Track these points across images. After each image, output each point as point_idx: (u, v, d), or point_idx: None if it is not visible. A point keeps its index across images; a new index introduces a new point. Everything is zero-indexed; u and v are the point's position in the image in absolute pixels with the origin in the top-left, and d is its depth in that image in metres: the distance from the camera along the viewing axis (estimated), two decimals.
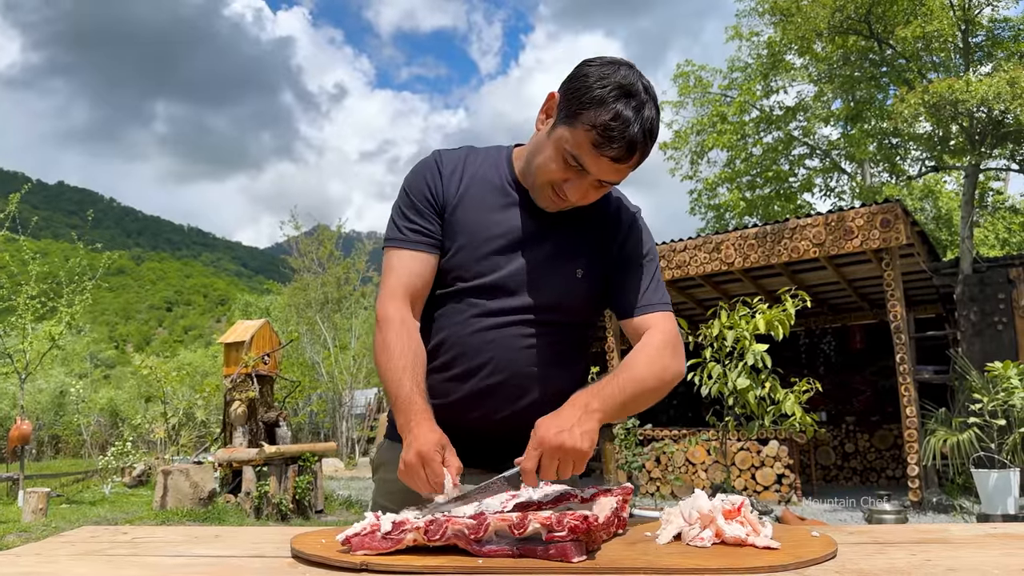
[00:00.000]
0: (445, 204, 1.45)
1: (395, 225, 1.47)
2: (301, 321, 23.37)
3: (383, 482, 1.56)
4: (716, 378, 6.69)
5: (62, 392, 24.64)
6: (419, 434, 1.25)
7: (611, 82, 1.26)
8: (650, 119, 1.27)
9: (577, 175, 1.32)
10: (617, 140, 1.24)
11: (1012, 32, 15.33)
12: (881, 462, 11.30)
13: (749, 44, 20.15)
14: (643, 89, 1.27)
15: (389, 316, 1.39)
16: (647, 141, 1.28)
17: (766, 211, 19.73)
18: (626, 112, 1.24)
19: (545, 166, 1.35)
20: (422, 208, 1.45)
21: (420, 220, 1.45)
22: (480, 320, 1.42)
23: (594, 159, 1.28)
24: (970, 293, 9.37)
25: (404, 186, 1.50)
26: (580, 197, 1.36)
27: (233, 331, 10.87)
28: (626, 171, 1.31)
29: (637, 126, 1.25)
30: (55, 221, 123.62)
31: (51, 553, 1.13)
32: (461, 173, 1.47)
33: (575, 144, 1.28)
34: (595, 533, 1.03)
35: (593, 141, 1.25)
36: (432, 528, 1.04)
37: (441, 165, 1.48)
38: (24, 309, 11.53)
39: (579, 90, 1.28)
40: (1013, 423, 7.18)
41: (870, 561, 1.00)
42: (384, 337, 1.38)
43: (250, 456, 9.11)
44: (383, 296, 1.42)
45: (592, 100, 1.25)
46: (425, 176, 1.48)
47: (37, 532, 7.44)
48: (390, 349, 1.36)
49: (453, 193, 1.46)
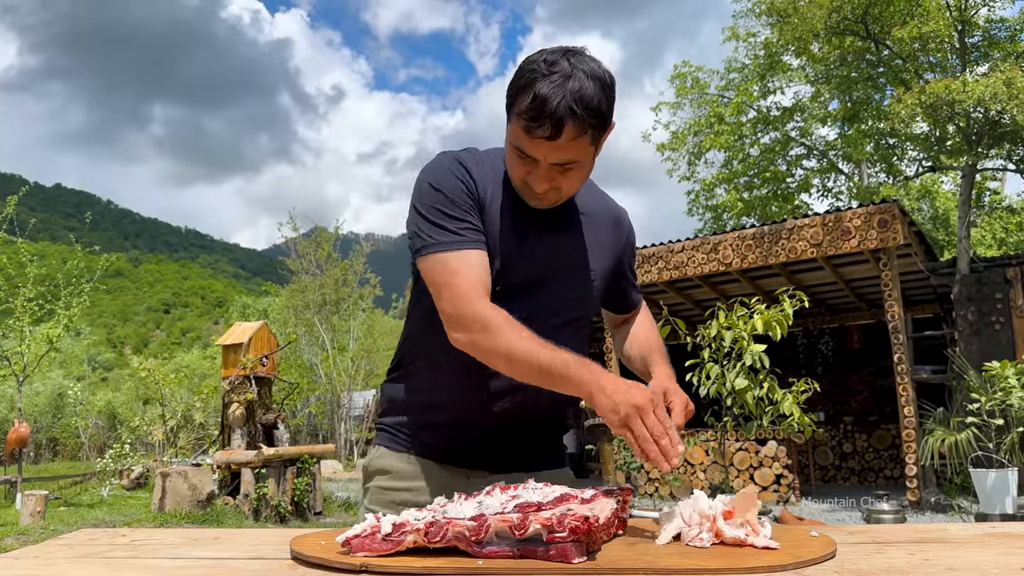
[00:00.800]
0: (481, 203, 1.38)
1: (440, 227, 1.34)
2: (299, 323, 23.35)
3: (380, 491, 1.52)
4: (714, 379, 6.69)
5: (60, 394, 24.63)
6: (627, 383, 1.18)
7: (532, 67, 1.25)
8: (574, 89, 1.21)
9: (532, 165, 1.30)
10: (540, 119, 1.22)
11: (1008, 32, 15.37)
12: (879, 462, 11.31)
13: (746, 45, 20.20)
14: (566, 63, 1.24)
15: (488, 315, 1.27)
16: (577, 111, 1.21)
17: (764, 212, 19.74)
18: (544, 90, 1.21)
19: (510, 167, 1.36)
20: (462, 203, 1.36)
21: (468, 217, 1.36)
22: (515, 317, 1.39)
23: (532, 145, 1.26)
24: (967, 293, 9.39)
25: (433, 186, 1.37)
26: (545, 186, 1.32)
27: (231, 333, 10.86)
28: (572, 147, 1.26)
29: (558, 100, 1.20)
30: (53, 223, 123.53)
31: (49, 556, 1.13)
32: (484, 173, 1.42)
33: (515, 136, 1.28)
34: (596, 534, 1.03)
35: (524, 127, 1.24)
36: (432, 530, 1.04)
37: (465, 164, 1.40)
38: (22, 311, 11.52)
39: (511, 85, 1.29)
40: (1011, 423, 7.18)
41: (869, 561, 1.00)
42: (493, 331, 1.26)
43: (248, 458, 9.10)
44: (461, 298, 1.29)
45: (517, 89, 1.26)
46: (455, 174, 1.38)
47: (35, 535, 7.42)
48: (510, 337, 1.25)
49: (483, 193, 1.39)
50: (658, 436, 1.11)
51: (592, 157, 1.32)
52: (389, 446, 1.53)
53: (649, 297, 11.51)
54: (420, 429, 1.50)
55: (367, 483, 1.58)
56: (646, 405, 1.13)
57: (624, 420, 1.14)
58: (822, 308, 12.18)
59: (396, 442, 1.52)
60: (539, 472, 1.46)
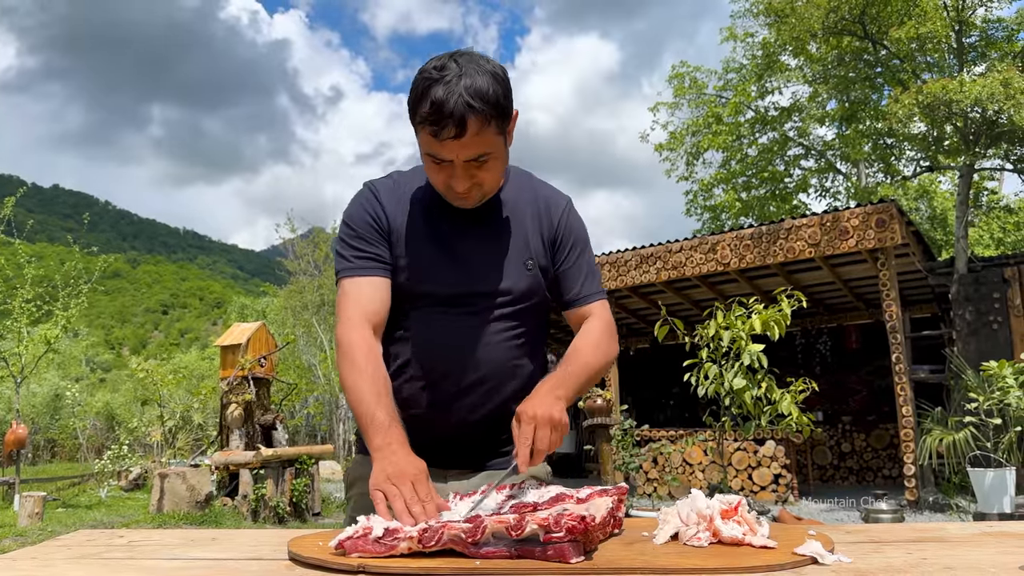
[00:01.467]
0: (390, 228, 1.48)
1: (342, 256, 1.49)
2: (297, 324, 23.33)
3: (361, 497, 1.52)
4: (712, 379, 6.69)
5: (58, 396, 24.58)
6: (402, 456, 1.26)
7: (422, 76, 1.31)
8: (468, 85, 1.27)
9: (449, 168, 1.35)
10: (443, 121, 1.27)
11: (1006, 32, 15.38)
12: (877, 461, 11.32)
13: (744, 45, 20.21)
14: (454, 64, 1.30)
15: (355, 341, 1.40)
16: (475, 104, 1.27)
17: (762, 212, 19.76)
18: (438, 94, 1.27)
19: (430, 176, 1.41)
20: (367, 235, 1.48)
21: (367, 247, 1.47)
22: (448, 326, 1.47)
23: (442, 147, 1.31)
24: (965, 293, 9.40)
25: (344, 220, 1.51)
26: (465, 184, 1.37)
27: (229, 334, 10.85)
28: (478, 142, 1.31)
29: (455, 99, 1.26)
30: (50, 224, 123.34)
31: (47, 557, 1.13)
32: (398, 197, 1.51)
33: (426, 144, 1.34)
34: (592, 533, 1.03)
35: (430, 133, 1.30)
36: (427, 536, 1.04)
37: (377, 193, 1.51)
38: (20, 313, 11.50)
39: (409, 100, 1.34)
40: (1008, 422, 7.19)
41: (867, 560, 1.00)
42: (353, 359, 1.38)
43: (247, 459, 9.10)
44: (343, 323, 1.42)
45: (415, 99, 1.31)
46: (363, 205, 1.50)
47: (33, 536, 7.41)
48: (362, 371, 1.36)
49: (395, 217, 1.49)
50: (410, 504, 1.17)
51: (503, 147, 1.38)
52: (367, 453, 1.55)
53: (648, 297, 11.52)
54: None
55: (349, 492, 1.62)
56: (404, 480, 1.21)
57: (382, 487, 1.21)
58: (820, 308, 12.19)
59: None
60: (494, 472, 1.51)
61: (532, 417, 1.28)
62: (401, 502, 1.17)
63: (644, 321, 13.08)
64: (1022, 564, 0.95)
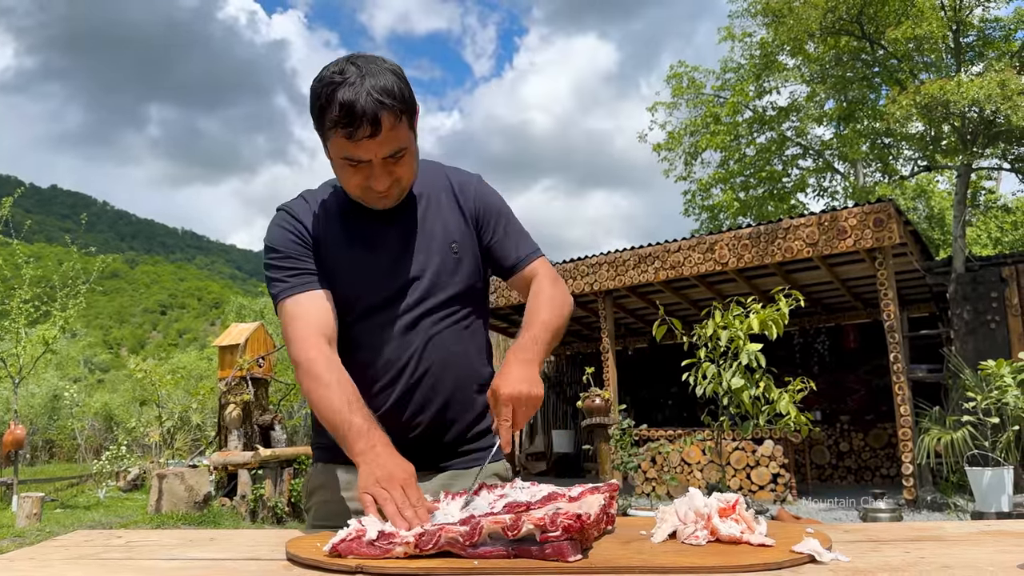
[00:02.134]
0: (314, 243, 1.48)
1: (275, 280, 1.46)
2: None
3: (323, 504, 1.54)
4: (711, 378, 6.69)
5: (56, 396, 24.53)
6: (389, 457, 1.25)
7: (322, 84, 1.32)
8: (376, 84, 1.29)
9: (366, 168, 1.36)
10: (355, 122, 1.28)
11: (1003, 32, 15.39)
12: (876, 461, 11.32)
13: (742, 45, 20.22)
14: (353, 66, 1.31)
15: (312, 358, 1.37)
16: (384, 101, 1.29)
17: (760, 211, 19.77)
18: (346, 96, 1.28)
19: (346, 181, 1.41)
20: (293, 253, 1.47)
21: (297, 263, 1.46)
22: (384, 332, 1.47)
23: (358, 148, 1.32)
24: (963, 292, 9.41)
25: (268, 245, 1.50)
26: (386, 182, 1.38)
27: (227, 334, 10.84)
28: (395, 136, 1.33)
29: (364, 98, 1.27)
30: (48, 225, 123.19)
31: (45, 557, 1.13)
32: (313, 212, 1.51)
33: (340, 149, 1.34)
34: (588, 531, 1.04)
35: (344, 136, 1.30)
36: (424, 539, 1.04)
37: (293, 212, 1.51)
38: (17, 313, 11.49)
39: (312, 108, 1.35)
40: (1006, 421, 7.20)
41: (865, 559, 1.00)
42: (314, 375, 1.36)
43: (245, 459, 9.09)
44: (296, 343, 1.40)
45: (320, 108, 1.32)
46: (283, 226, 1.49)
47: (31, 537, 7.40)
48: (328, 383, 1.34)
49: (316, 233, 1.49)
50: (403, 508, 1.16)
51: (414, 141, 1.41)
52: (327, 461, 1.56)
53: (646, 297, 11.52)
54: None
55: (309, 500, 1.60)
56: (394, 483, 1.20)
57: (371, 490, 1.21)
58: (818, 307, 12.19)
59: (332, 456, 1.53)
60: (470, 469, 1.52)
61: (510, 397, 1.30)
62: (393, 506, 1.16)
63: (642, 321, 13.09)
64: (1020, 563, 0.95)
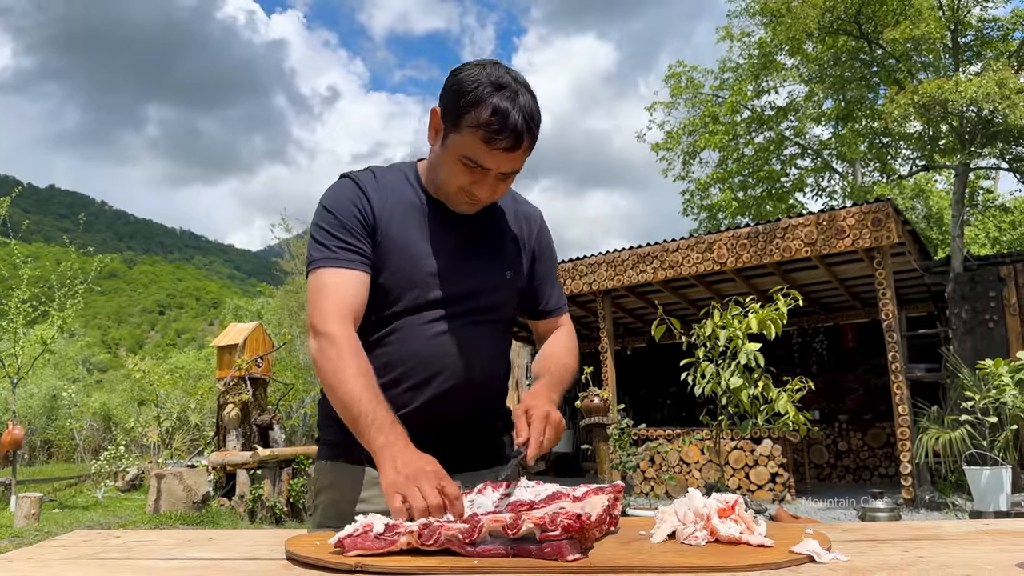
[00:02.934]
0: (375, 224, 1.46)
1: (323, 245, 1.43)
2: (294, 324, 23.32)
3: (331, 504, 1.51)
4: (709, 377, 6.70)
5: (54, 396, 24.51)
6: (411, 453, 1.23)
7: (481, 81, 1.33)
8: (527, 105, 1.33)
9: (480, 174, 1.38)
10: (503, 131, 1.31)
11: (1001, 32, 15.40)
12: (874, 460, 11.34)
13: (740, 44, 20.21)
14: (513, 80, 1.34)
15: (334, 333, 1.34)
16: (530, 125, 1.34)
17: (758, 211, 19.77)
18: (503, 104, 1.30)
19: (450, 175, 1.41)
20: (352, 227, 1.44)
21: (351, 239, 1.43)
22: (426, 331, 1.46)
23: (488, 155, 1.34)
24: (961, 291, 9.42)
25: (326, 207, 1.47)
26: (489, 193, 1.42)
27: (226, 334, 10.83)
28: (521, 158, 1.38)
29: (517, 114, 1.31)
30: (46, 225, 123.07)
31: (43, 557, 1.12)
32: (381, 193, 1.49)
33: (468, 146, 1.34)
34: (588, 531, 1.03)
35: (483, 138, 1.32)
36: (426, 533, 1.04)
37: (363, 186, 1.48)
38: (15, 313, 11.47)
39: (456, 96, 1.34)
40: (1004, 420, 7.21)
41: (863, 558, 1.00)
42: (334, 355, 1.33)
43: (244, 459, 9.08)
44: (322, 314, 1.37)
45: (469, 102, 1.32)
46: (349, 196, 1.47)
47: (30, 537, 7.39)
48: (345, 367, 1.32)
49: (380, 212, 1.46)
50: (434, 508, 1.12)
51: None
52: (334, 459, 1.53)
53: (644, 297, 11.52)
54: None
55: (315, 499, 1.57)
56: (425, 479, 1.16)
57: (402, 488, 1.16)
58: (816, 307, 12.20)
59: (340, 454, 1.51)
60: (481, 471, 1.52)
61: (544, 416, 1.32)
62: (423, 502, 1.12)
63: (641, 320, 13.09)
64: (1018, 562, 0.95)
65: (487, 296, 1.51)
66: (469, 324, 1.48)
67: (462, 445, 1.51)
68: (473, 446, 1.54)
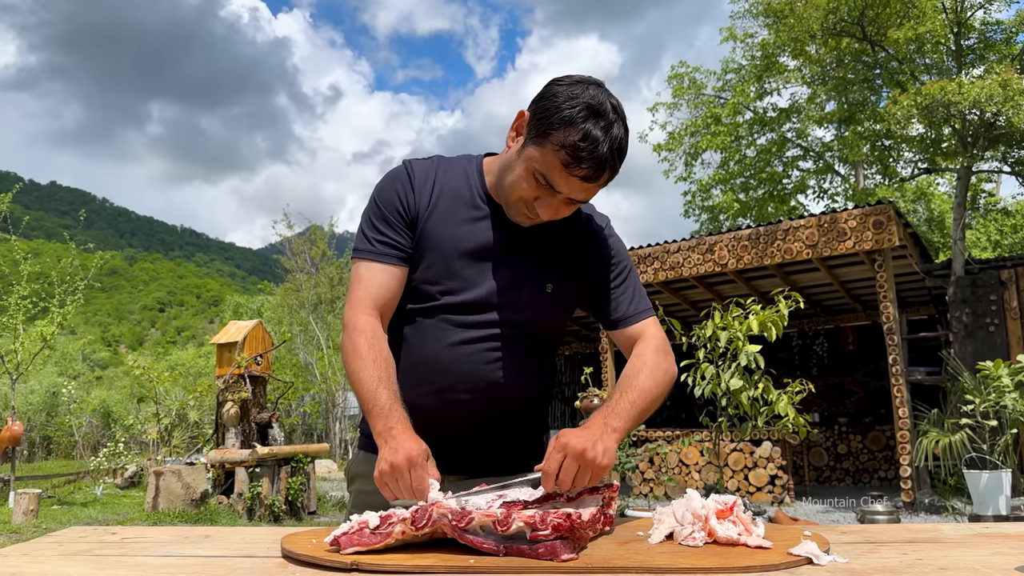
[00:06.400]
0: (417, 216, 1.44)
1: (364, 236, 1.45)
2: (294, 322, 23.34)
3: (360, 494, 1.54)
4: (709, 379, 6.69)
5: (54, 393, 24.55)
6: (403, 440, 1.22)
7: (580, 102, 1.26)
8: (619, 138, 1.27)
9: (547, 193, 1.32)
10: (586, 160, 1.25)
11: (1004, 35, 15.40)
12: (874, 463, 11.33)
13: (743, 46, 20.23)
14: (611, 108, 1.27)
15: (360, 324, 1.38)
16: (616, 160, 1.28)
17: (760, 213, 19.78)
18: (595, 132, 1.24)
19: (516, 184, 1.35)
20: (392, 220, 1.43)
21: (390, 232, 1.43)
22: (452, 336, 1.42)
23: (564, 179, 1.28)
24: (962, 295, 9.41)
25: (374, 196, 1.47)
26: (551, 215, 1.36)
27: (226, 332, 10.83)
28: (595, 190, 1.32)
29: (606, 146, 1.25)
30: (47, 221, 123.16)
31: (39, 553, 1.12)
32: (433, 184, 1.46)
33: (545, 164, 1.28)
34: (579, 531, 1.03)
35: (563, 161, 1.26)
36: (418, 514, 1.04)
37: (412, 175, 1.46)
38: (15, 309, 11.49)
39: (548, 110, 1.28)
40: (1005, 424, 7.20)
41: (862, 560, 1.00)
42: (356, 344, 1.36)
43: (243, 457, 9.08)
44: (352, 305, 1.41)
45: (561, 120, 1.25)
46: (396, 186, 1.46)
47: (27, 534, 7.40)
48: (364, 357, 1.34)
49: (425, 205, 1.44)
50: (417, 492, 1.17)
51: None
52: (368, 449, 1.54)
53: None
54: None
55: (350, 486, 1.61)
56: (403, 465, 1.18)
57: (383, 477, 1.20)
58: (817, 309, 12.20)
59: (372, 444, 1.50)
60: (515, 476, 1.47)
61: (563, 446, 1.19)
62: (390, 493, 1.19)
63: None
64: (1017, 565, 0.95)
65: (516, 308, 1.44)
66: (499, 337, 1.43)
67: (481, 453, 1.49)
68: (495, 456, 1.50)
